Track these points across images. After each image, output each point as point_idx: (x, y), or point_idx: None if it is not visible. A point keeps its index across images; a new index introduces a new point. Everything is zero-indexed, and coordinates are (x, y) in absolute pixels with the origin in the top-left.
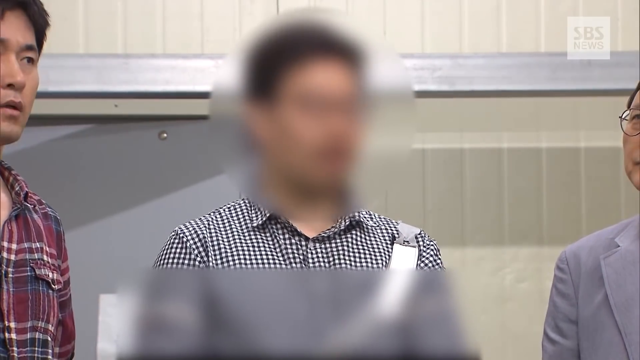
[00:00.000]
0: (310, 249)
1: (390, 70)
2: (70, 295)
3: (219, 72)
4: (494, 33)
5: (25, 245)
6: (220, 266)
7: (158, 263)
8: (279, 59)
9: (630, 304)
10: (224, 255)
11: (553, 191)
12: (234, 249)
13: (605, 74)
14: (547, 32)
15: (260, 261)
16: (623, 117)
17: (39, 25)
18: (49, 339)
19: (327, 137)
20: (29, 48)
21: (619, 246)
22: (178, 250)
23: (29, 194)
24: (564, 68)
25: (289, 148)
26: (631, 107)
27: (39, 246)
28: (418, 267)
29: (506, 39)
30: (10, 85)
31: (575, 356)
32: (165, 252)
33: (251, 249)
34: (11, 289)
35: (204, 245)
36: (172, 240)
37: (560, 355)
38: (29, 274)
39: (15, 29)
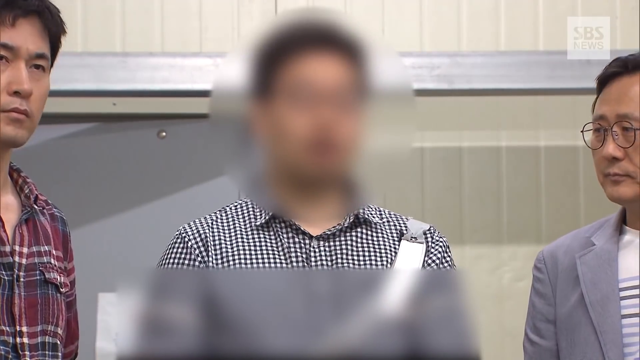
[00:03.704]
0: (313, 248)
1: (390, 69)
2: (75, 296)
3: (220, 71)
4: (493, 31)
5: (35, 249)
6: (219, 265)
7: (161, 263)
8: (277, 54)
9: (605, 302)
10: (224, 254)
11: (551, 190)
12: (234, 248)
13: None
14: (545, 30)
15: (260, 260)
16: (585, 129)
17: (53, 32)
18: (59, 342)
19: (315, 129)
20: (39, 56)
21: (594, 245)
22: (180, 250)
23: (38, 197)
24: (563, 66)
25: (280, 142)
26: (592, 120)
27: (47, 249)
28: (425, 264)
29: (505, 37)
30: (16, 93)
31: (554, 356)
32: (168, 252)
33: (252, 248)
34: (23, 293)
35: (205, 245)
36: (174, 241)
37: (540, 356)
38: (38, 277)
39: (27, 36)
